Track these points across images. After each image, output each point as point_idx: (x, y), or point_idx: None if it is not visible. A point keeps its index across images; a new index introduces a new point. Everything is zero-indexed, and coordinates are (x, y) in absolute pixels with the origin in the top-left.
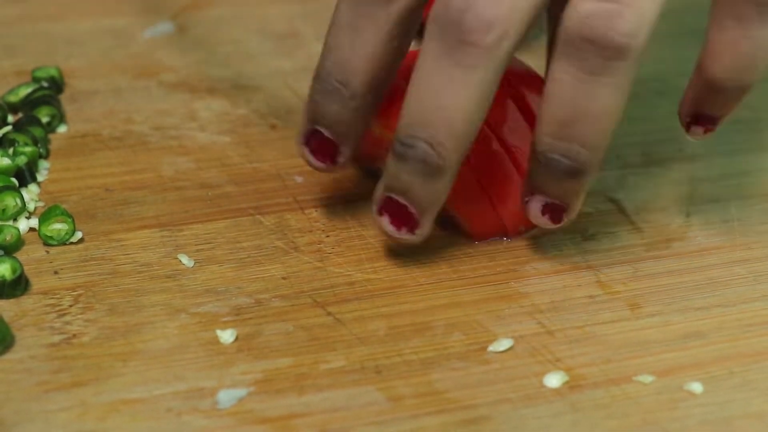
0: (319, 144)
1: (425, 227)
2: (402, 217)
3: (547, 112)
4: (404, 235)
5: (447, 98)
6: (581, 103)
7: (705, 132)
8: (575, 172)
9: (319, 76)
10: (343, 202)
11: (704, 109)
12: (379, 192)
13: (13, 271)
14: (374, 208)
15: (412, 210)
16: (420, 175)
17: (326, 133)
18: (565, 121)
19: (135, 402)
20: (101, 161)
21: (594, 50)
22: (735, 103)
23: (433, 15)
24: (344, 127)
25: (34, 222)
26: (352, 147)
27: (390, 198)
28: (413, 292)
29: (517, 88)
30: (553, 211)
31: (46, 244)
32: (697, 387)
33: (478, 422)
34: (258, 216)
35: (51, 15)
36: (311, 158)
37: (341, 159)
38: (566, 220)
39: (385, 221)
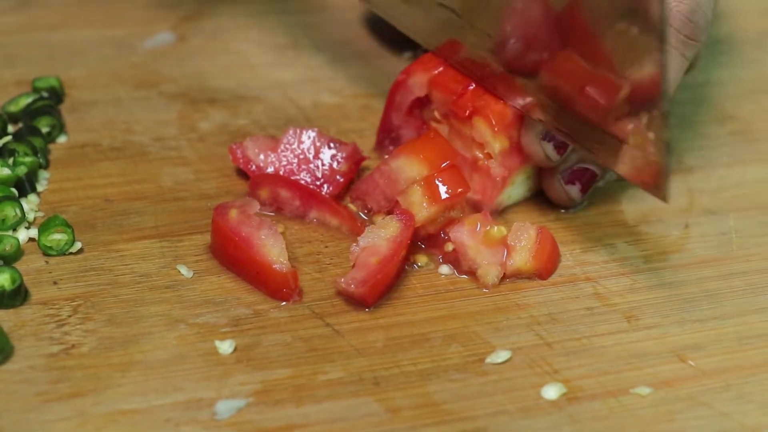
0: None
1: None
2: (588, 184)
3: None
4: (580, 198)
5: (672, 82)
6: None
7: (582, 191)
8: None
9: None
10: None
11: None
12: (570, 164)
13: (13, 281)
14: (562, 178)
15: (598, 175)
16: None
17: None
18: None
19: (134, 412)
20: (101, 171)
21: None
22: None
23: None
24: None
25: (33, 232)
26: None
27: (586, 168)
28: (411, 303)
29: None
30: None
31: (45, 254)
32: (693, 399)
33: None
34: None
35: (52, 25)
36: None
37: None
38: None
39: (575, 189)
